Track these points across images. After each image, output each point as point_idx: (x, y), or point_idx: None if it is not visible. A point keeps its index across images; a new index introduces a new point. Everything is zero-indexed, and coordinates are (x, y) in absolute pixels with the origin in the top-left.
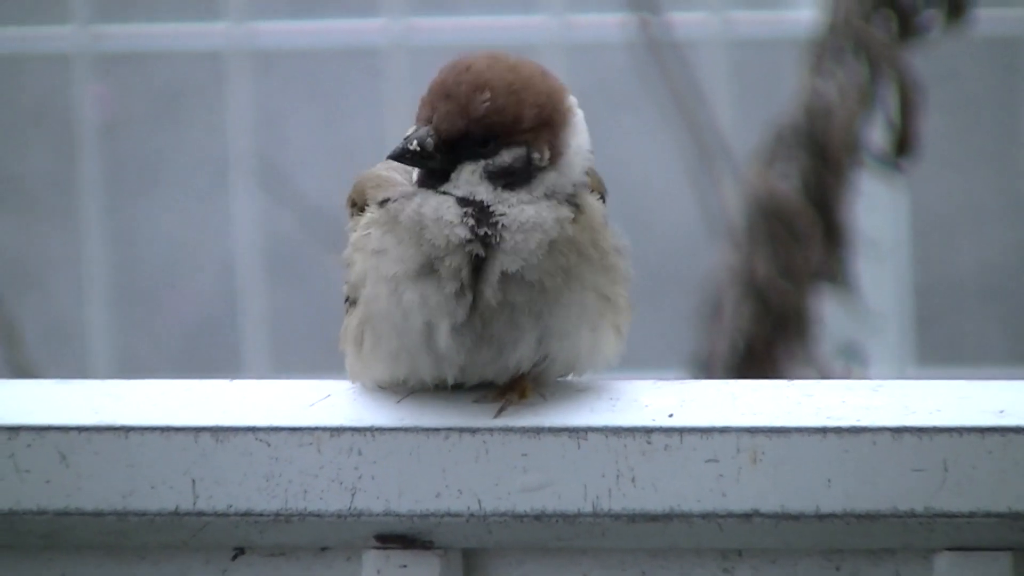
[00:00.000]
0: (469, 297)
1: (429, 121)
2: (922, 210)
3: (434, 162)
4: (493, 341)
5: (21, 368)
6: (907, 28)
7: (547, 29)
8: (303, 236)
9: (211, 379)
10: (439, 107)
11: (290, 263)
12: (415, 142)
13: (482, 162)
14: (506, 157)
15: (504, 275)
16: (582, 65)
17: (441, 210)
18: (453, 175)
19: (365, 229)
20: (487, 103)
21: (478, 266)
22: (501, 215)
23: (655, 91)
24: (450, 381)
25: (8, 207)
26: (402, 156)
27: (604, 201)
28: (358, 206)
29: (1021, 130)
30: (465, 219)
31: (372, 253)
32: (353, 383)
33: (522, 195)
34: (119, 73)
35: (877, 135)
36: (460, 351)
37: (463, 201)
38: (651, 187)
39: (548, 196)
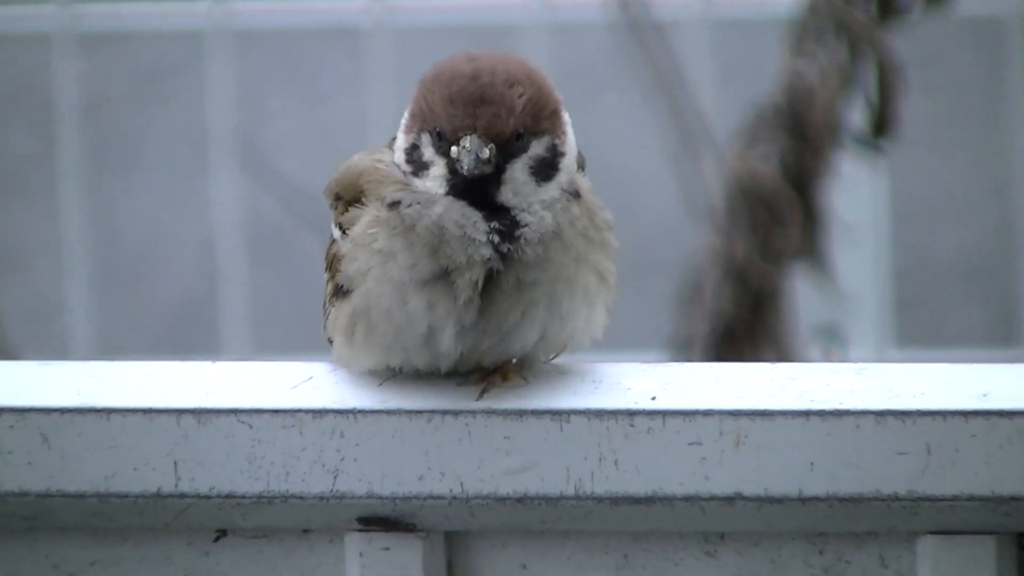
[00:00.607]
0: (478, 302)
1: (473, 130)
2: (903, 192)
3: (491, 167)
4: (497, 333)
5: (1, 349)
6: (888, 9)
7: (528, 9)
8: (283, 217)
9: (194, 360)
10: (480, 113)
11: (270, 243)
12: (487, 154)
13: (524, 156)
14: (538, 148)
15: (519, 280)
16: (563, 46)
17: (467, 226)
18: (505, 177)
19: (369, 228)
20: (523, 96)
21: (492, 274)
22: (525, 226)
23: (636, 72)
24: (444, 371)
25: None
26: (478, 173)
27: (584, 171)
28: (345, 199)
29: (1002, 112)
30: (491, 235)
31: (376, 252)
32: (339, 368)
33: (551, 189)
34: (99, 53)
35: (858, 117)
36: (461, 347)
37: (490, 214)
38: (632, 169)
39: (565, 189)
